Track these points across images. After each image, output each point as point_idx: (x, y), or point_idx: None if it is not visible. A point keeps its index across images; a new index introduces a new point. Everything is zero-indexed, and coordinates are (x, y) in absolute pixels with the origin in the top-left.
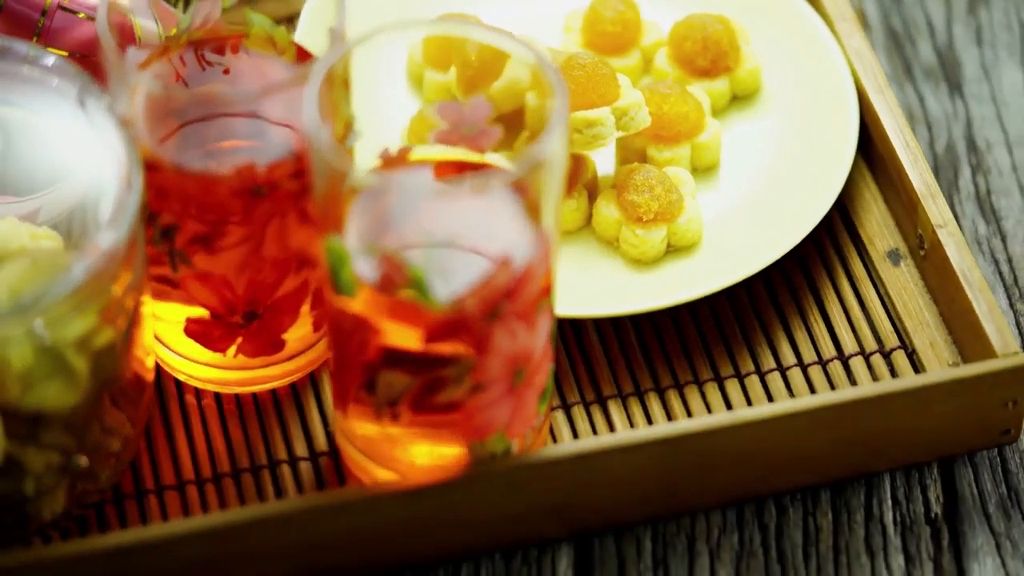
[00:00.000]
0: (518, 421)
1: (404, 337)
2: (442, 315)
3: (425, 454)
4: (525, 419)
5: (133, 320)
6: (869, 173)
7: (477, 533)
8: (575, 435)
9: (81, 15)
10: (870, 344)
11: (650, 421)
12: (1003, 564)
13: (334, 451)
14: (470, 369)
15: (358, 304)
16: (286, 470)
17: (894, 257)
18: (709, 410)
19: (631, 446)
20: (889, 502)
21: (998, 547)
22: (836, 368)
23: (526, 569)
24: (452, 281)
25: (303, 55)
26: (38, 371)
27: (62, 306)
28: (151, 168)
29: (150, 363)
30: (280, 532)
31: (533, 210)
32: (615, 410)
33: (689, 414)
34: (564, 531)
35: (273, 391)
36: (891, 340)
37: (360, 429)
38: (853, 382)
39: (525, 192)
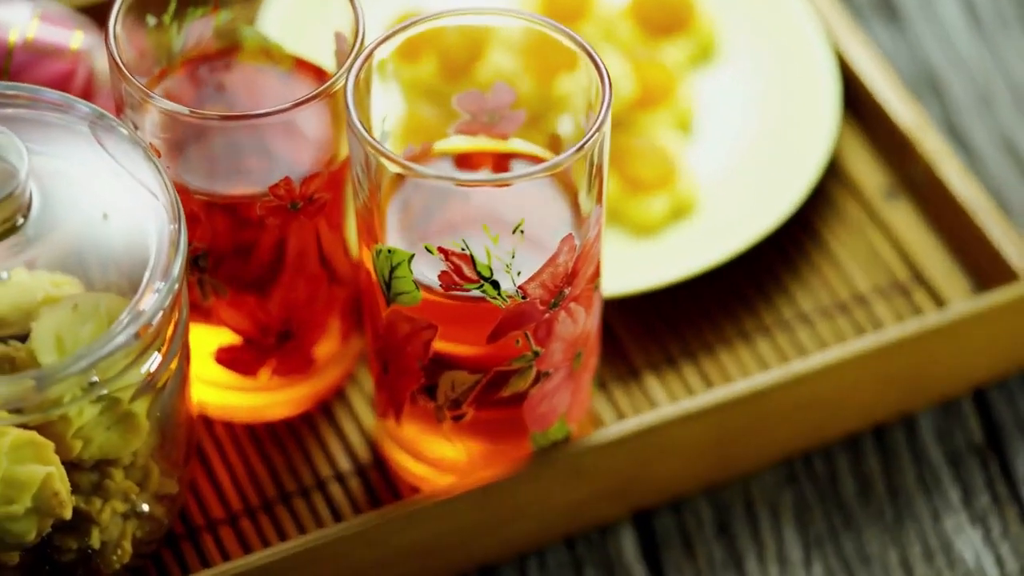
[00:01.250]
0: (577, 405)
1: (467, 334)
2: (509, 307)
3: (485, 452)
4: (582, 403)
5: (183, 357)
6: (847, 113)
7: (542, 524)
8: (619, 412)
9: (48, 50)
10: (885, 283)
11: (689, 388)
12: None
13: (378, 463)
14: (534, 359)
15: (416, 307)
16: (335, 488)
17: (890, 195)
18: (744, 370)
19: (691, 415)
20: (932, 438)
21: None
22: (858, 312)
23: (592, 555)
24: (514, 271)
25: (302, 65)
26: (98, 423)
27: (122, 358)
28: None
29: (195, 398)
30: (354, 550)
31: (586, 191)
32: (651, 382)
33: (726, 377)
34: (624, 512)
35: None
36: (904, 276)
37: (416, 435)
38: (878, 324)
39: (572, 175)
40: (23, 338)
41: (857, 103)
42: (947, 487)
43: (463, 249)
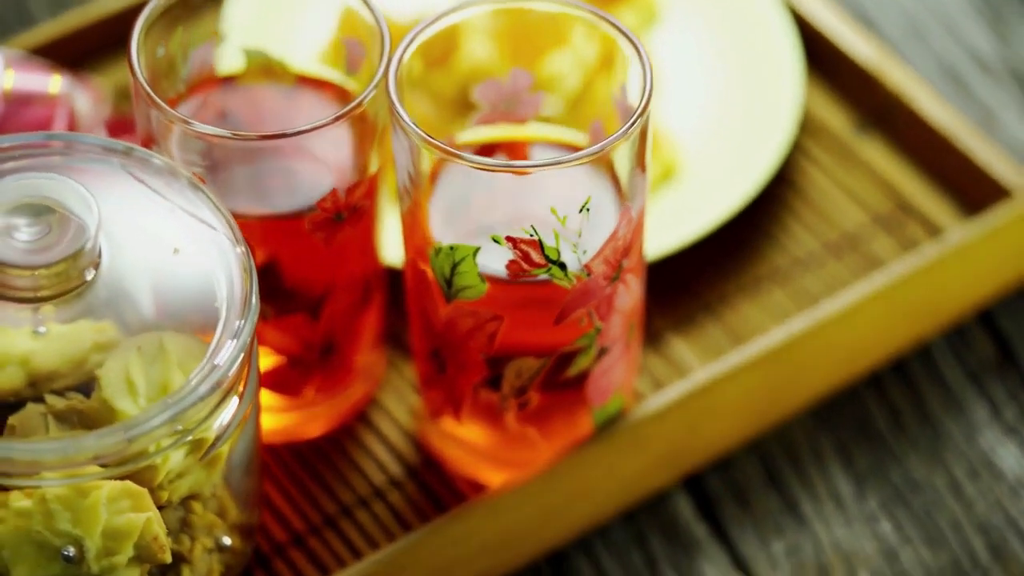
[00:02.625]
0: (630, 376)
1: (532, 319)
2: (575, 286)
3: (545, 437)
4: (632, 373)
5: (256, 387)
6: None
7: (603, 501)
8: (653, 377)
9: (28, 98)
10: (873, 218)
11: (716, 344)
12: None
13: (429, 464)
14: (596, 335)
15: (480, 300)
16: (395, 495)
17: (860, 130)
18: (762, 321)
19: (740, 368)
20: (948, 362)
21: None
22: (856, 251)
23: (653, 525)
24: (580, 250)
25: (305, 79)
26: (184, 467)
27: (207, 404)
28: None
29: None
30: (443, 550)
31: (634, 163)
32: (676, 342)
33: (749, 327)
34: (675, 477)
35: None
36: (890, 208)
37: (475, 429)
38: (877, 260)
39: (616, 151)
40: (79, 388)
41: (810, 45)
42: (973, 405)
43: (531, 235)
